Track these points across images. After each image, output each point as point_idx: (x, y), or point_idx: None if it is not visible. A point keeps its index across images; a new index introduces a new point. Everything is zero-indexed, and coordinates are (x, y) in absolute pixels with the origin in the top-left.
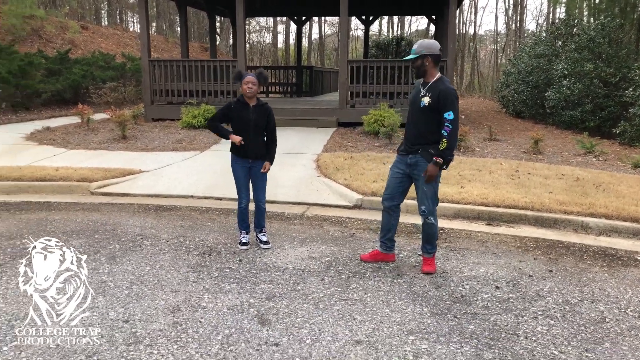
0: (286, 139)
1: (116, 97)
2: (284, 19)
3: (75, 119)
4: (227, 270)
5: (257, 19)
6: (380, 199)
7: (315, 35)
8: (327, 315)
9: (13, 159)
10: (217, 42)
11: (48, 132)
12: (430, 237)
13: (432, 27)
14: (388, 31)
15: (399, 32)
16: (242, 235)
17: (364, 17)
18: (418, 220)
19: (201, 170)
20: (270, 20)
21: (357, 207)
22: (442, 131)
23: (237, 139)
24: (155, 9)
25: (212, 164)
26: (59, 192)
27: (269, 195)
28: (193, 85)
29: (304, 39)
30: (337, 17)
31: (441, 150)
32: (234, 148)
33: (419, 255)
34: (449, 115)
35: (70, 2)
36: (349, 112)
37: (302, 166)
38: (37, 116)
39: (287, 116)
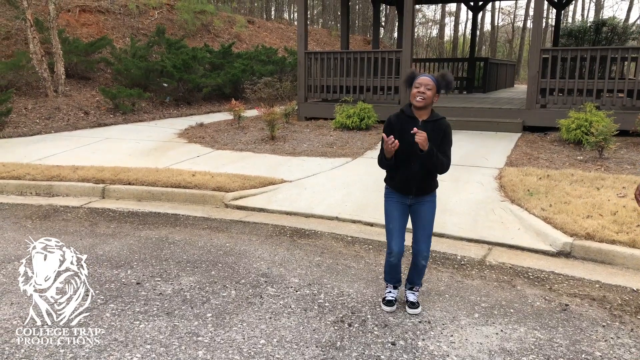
0: (457, 145)
1: (270, 92)
2: (453, 9)
3: (229, 116)
4: None
5: (424, 11)
6: (601, 245)
7: (486, 26)
8: None
9: (157, 159)
10: (381, 35)
11: (200, 129)
12: None
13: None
14: (573, 18)
15: (590, 19)
16: (388, 290)
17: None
18: None
19: (350, 183)
20: (438, 12)
21: (563, 254)
22: None
23: (389, 143)
24: (322, 4)
25: (364, 176)
26: (192, 202)
27: (434, 225)
28: (350, 80)
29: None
30: (514, 1)
31: None
32: (389, 178)
33: None
34: None
35: None
36: (539, 114)
37: (479, 184)
38: (197, 111)
39: (458, 117)
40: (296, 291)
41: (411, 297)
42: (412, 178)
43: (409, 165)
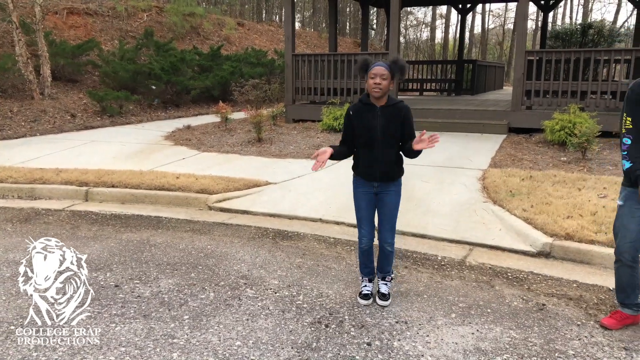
0: (442, 147)
1: (258, 95)
2: (444, 12)
3: (217, 118)
4: None
5: (415, 14)
6: (579, 245)
7: (477, 29)
8: None
9: (142, 162)
10: (371, 37)
11: (187, 132)
12: None
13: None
14: (562, 20)
15: (578, 21)
16: (363, 284)
17: (543, 1)
18: None
19: (335, 185)
20: (429, 15)
21: (543, 254)
22: None
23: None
24: (312, 7)
25: (349, 177)
26: (175, 204)
27: (416, 226)
28: (338, 82)
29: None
30: (504, 4)
31: None
32: (355, 166)
33: None
34: None
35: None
36: (524, 115)
37: (463, 186)
38: (185, 113)
39: (444, 119)
40: (275, 293)
41: (383, 289)
42: (375, 162)
43: (372, 151)
